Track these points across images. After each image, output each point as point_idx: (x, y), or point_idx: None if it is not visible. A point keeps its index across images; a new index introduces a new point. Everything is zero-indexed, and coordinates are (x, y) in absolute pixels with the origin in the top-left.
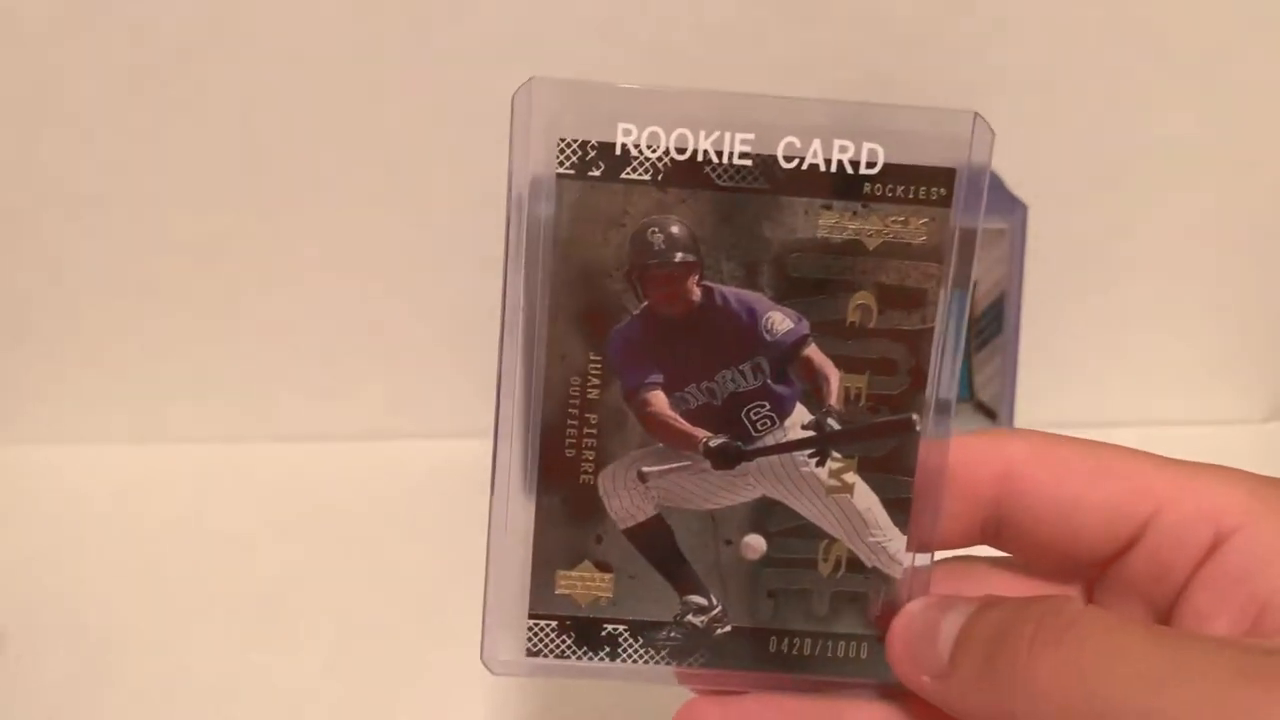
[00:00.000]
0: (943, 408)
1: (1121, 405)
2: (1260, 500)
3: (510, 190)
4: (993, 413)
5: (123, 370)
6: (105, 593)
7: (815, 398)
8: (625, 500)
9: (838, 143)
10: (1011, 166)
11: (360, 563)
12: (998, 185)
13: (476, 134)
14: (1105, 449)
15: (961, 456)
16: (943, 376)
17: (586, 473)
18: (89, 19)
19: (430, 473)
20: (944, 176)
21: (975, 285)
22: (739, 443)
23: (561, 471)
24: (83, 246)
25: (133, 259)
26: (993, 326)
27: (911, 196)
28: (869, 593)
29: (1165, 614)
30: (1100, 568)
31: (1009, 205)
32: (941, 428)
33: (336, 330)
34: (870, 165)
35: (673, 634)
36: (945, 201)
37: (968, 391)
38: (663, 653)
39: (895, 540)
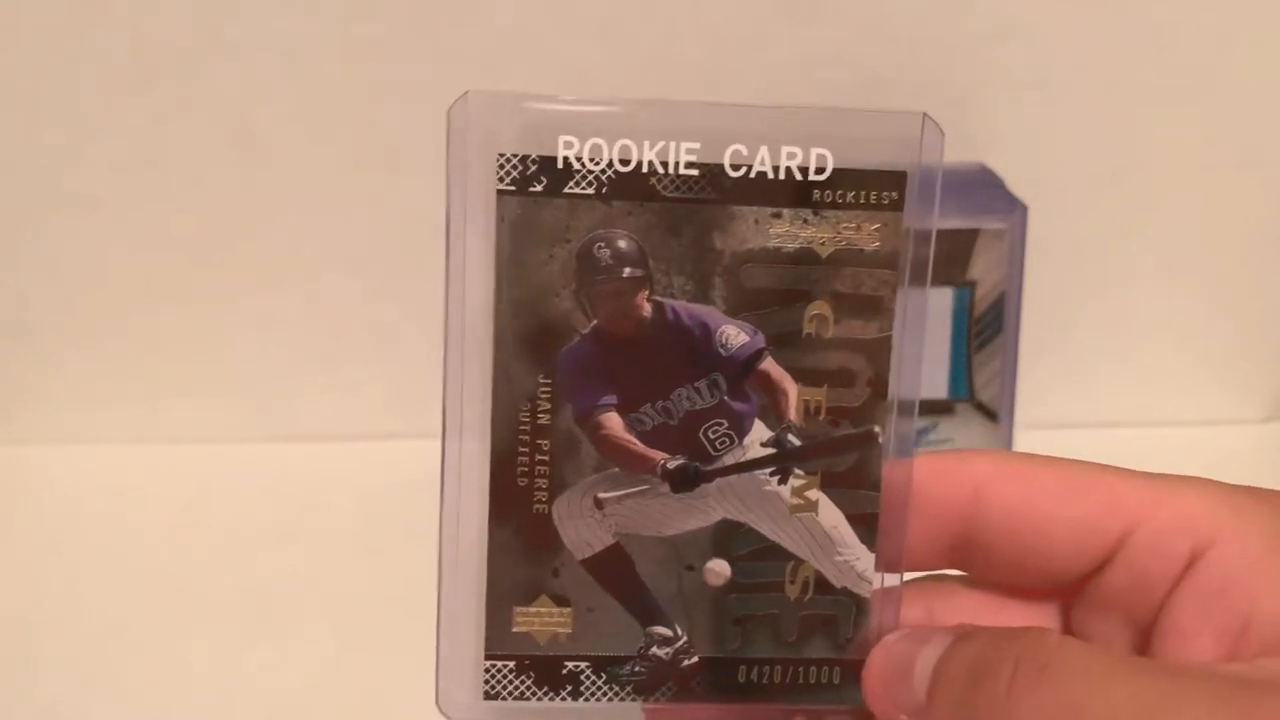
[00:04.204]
0: (905, 418)
1: (1121, 405)
2: (1236, 510)
3: (448, 209)
4: (993, 413)
5: (122, 370)
6: (105, 593)
7: (774, 413)
8: (581, 529)
9: (785, 149)
10: (1011, 166)
11: (359, 562)
12: (998, 185)
13: None
14: (1075, 465)
15: (926, 477)
16: (903, 385)
17: (540, 502)
18: (89, 19)
19: (430, 473)
20: (895, 180)
21: (975, 285)
22: (698, 464)
23: (513, 502)
24: (83, 246)
25: (132, 259)
26: (993, 326)
27: (863, 202)
28: (839, 615)
29: (1145, 631)
30: (1076, 585)
31: (1009, 205)
32: (904, 439)
33: (336, 330)
34: (819, 171)
35: (637, 668)
36: (897, 205)
37: (968, 391)
38: (627, 689)
39: (863, 558)
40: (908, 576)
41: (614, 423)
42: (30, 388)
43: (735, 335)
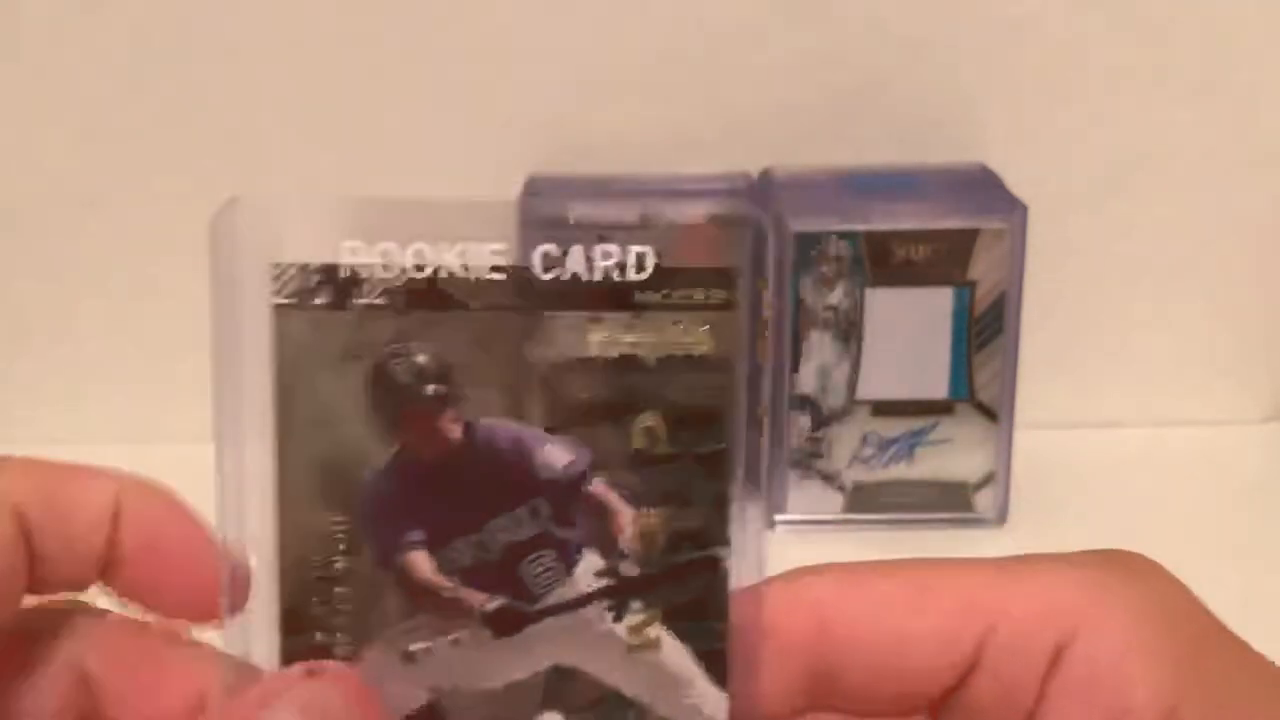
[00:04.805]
0: (754, 541)
1: (1121, 405)
2: (1098, 593)
3: (214, 331)
4: (993, 413)
5: (121, 370)
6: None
7: (605, 540)
8: (391, 688)
9: (600, 248)
10: (1011, 166)
11: None
12: (998, 185)
13: (476, 134)
14: (921, 569)
15: (771, 606)
16: (749, 503)
17: (343, 659)
18: (89, 19)
19: None
20: (724, 278)
21: (975, 285)
22: (521, 604)
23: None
24: (83, 246)
25: (132, 259)
26: (993, 326)
27: (689, 301)
28: None
29: None
30: (943, 699)
31: (1009, 205)
32: (752, 560)
33: None
34: (639, 270)
35: None
36: (728, 304)
37: (968, 391)
38: None
39: (713, 700)
40: None
41: (422, 563)
42: (30, 388)
43: (557, 456)
